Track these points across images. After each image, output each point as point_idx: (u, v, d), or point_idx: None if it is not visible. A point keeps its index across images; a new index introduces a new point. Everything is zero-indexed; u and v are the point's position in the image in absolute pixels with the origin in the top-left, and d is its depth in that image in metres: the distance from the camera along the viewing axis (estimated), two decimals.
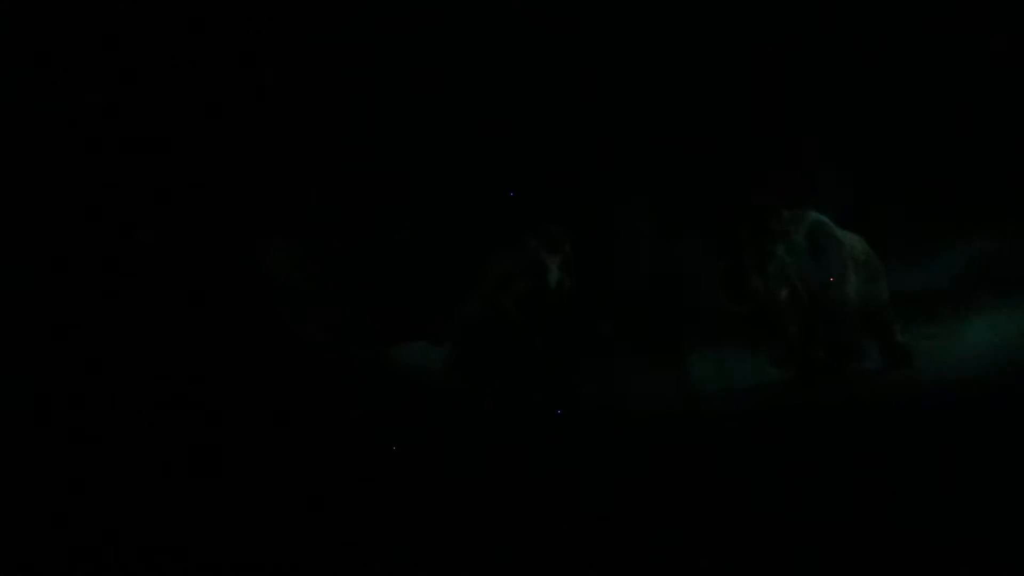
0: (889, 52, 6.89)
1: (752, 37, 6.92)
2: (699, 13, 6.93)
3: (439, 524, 4.73)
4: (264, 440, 5.23)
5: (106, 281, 5.66)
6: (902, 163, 6.98)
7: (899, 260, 6.56)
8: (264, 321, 5.89)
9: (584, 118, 7.00)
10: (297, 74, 6.62)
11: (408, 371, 6.22)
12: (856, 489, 4.62)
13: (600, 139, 7.02)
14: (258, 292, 6.04)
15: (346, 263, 6.70)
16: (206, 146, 6.15)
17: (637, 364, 6.41)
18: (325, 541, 4.70)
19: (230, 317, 5.73)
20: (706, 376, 6.31)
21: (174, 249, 5.83)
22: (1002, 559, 4.16)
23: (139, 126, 6.01)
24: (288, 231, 6.39)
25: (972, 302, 6.62)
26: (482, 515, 4.76)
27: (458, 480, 5.03)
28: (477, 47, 6.90)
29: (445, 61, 6.89)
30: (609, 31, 6.93)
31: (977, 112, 6.89)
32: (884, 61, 6.90)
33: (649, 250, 7.04)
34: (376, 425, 5.45)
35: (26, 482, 4.88)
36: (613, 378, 6.25)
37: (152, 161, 5.99)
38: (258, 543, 4.68)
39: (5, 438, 5.08)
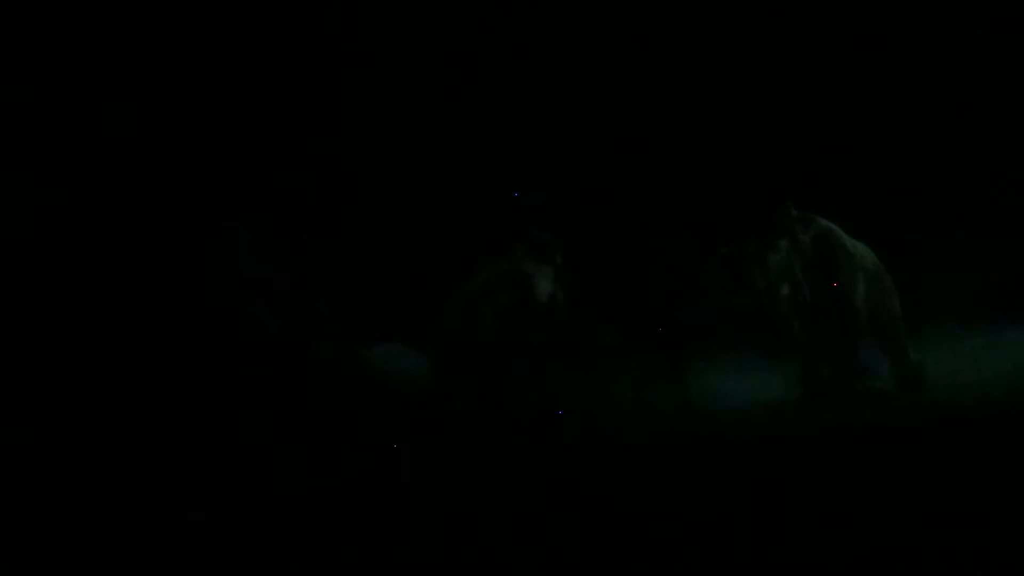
0: (916, 63, 6.86)
1: (765, 35, 6.87)
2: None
3: (412, 530, 4.64)
4: (228, 439, 5.18)
5: (66, 268, 5.51)
6: (921, 178, 6.89)
7: (914, 275, 6.49)
8: (229, 315, 5.70)
9: (581, 114, 6.88)
10: (284, 63, 6.49)
11: (380, 373, 6.08)
12: (862, 516, 4.50)
13: (599, 138, 6.92)
14: (223, 284, 5.83)
15: (319, 257, 6.48)
16: (177, 128, 6.00)
17: (635, 377, 6.28)
18: (290, 545, 4.60)
19: (193, 310, 5.57)
20: (707, 393, 6.15)
21: (137, 236, 5.64)
22: None
23: (105, 111, 5.85)
24: (258, 219, 6.18)
25: (992, 322, 6.51)
26: (459, 526, 4.66)
27: (434, 488, 4.94)
28: (468, 42, 6.79)
29: (437, 58, 6.78)
30: (607, 26, 6.84)
31: (995, 128, 6.82)
32: (910, 73, 6.87)
33: (652, 259, 6.88)
34: (345, 427, 5.36)
35: None
36: (609, 392, 6.14)
37: (117, 146, 5.82)
38: (219, 547, 4.58)
39: None
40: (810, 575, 4.24)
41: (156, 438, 5.13)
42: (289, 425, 5.25)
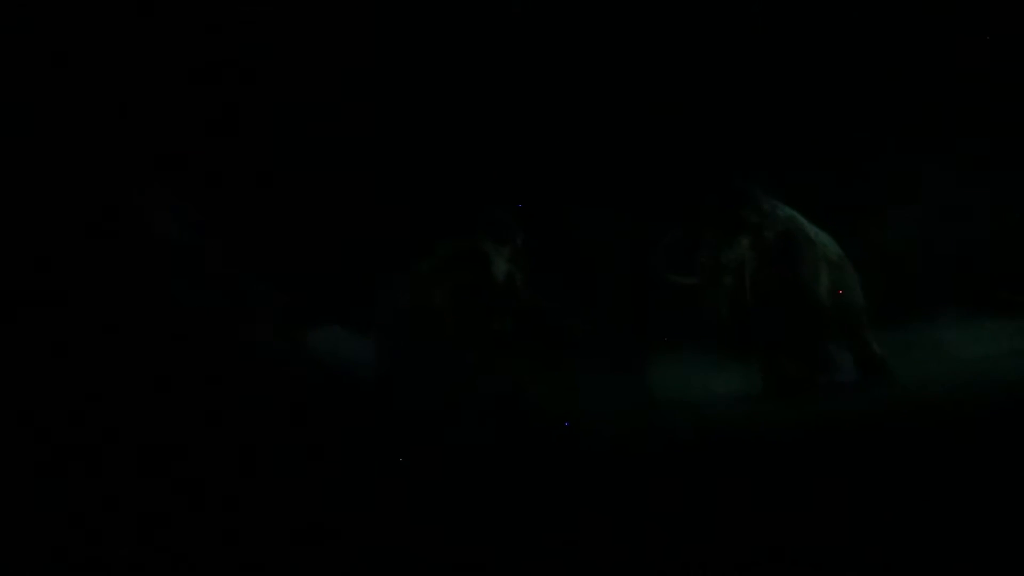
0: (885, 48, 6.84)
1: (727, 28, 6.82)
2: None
3: (351, 532, 4.36)
4: (145, 431, 4.79)
5: None
6: (883, 169, 6.90)
7: (876, 265, 6.46)
8: (146, 291, 5.23)
9: (542, 95, 6.70)
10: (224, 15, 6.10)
11: (322, 359, 5.78)
12: (825, 510, 4.32)
13: (564, 116, 6.74)
14: (138, 253, 5.35)
15: (253, 225, 6.09)
16: (90, 74, 5.56)
17: (593, 369, 6.11)
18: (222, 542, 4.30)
19: (103, 283, 5.08)
20: (666, 385, 6.04)
21: (40, 195, 5.15)
22: None
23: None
24: (180, 179, 5.72)
25: (955, 315, 6.48)
26: (406, 526, 4.40)
27: (382, 484, 4.66)
28: (422, 15, 6.56)
29: (390, 26, 6.54)
30: (566, 7, 6.70)
31: (958, 120, 6.83)
32: (872, 61, 6.85)
33: (615, 247, 6.79)
34: (282, 419, 5.04)
35: None
36: (565, 383, 5.96)
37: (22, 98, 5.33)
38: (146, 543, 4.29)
39: None
40: (772, 570, 4.04)
41: (58, 431, 4.73)
42: (218, 417, 4.89)
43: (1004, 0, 6.63)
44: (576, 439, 5.31)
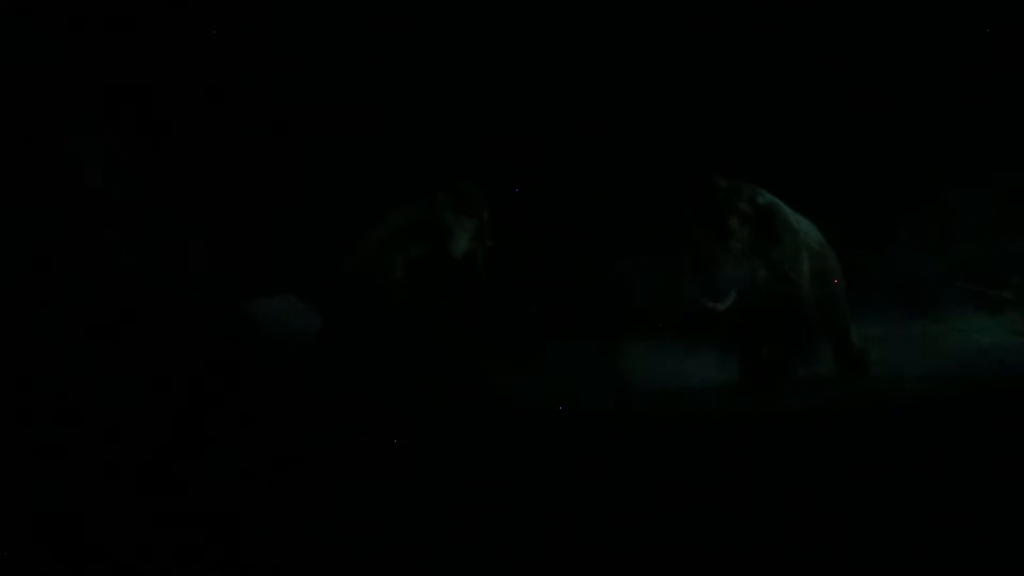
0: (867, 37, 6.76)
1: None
2: None
3: (295, 516, 4.26)
4: (75, 406, 4.63)
5: None
6: (866, 158, 6.84)
7: (858, 253, 6.42)
8: (76, 250, 4.98)
9: (527, 73, 6.56)
10: None
11: (267, 330, 5.63)
12: (796, 510, 4.33)
13: (538, 91, 6.59)
14: (68, 209, 5.08)
15: (197, 183, 5.88)
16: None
17: (561, 354, 6.08)
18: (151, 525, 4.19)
19: (29, 242, 4.85)
20: (639, 373, 5.94)
21: None
22: None
23: None
24: (117, 127, 5.45)
25: (935, 307, 6.50)
26: (351, 513, 4.29)
27: (328, 468, 4.53)
28: None
29: None
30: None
31: (944, 113, 6.77)
32: (844, 38, 6.76)
33: (589, 227, 6.67)
34: (223, 395, 4.88)
35: None
36: (531, 368, 5.91)
37: None
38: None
39: None
40: (742, 563, 4.06)
41: None
42: (153, 391, 4.71)
43: None
44: (544, 428, 5.19)
